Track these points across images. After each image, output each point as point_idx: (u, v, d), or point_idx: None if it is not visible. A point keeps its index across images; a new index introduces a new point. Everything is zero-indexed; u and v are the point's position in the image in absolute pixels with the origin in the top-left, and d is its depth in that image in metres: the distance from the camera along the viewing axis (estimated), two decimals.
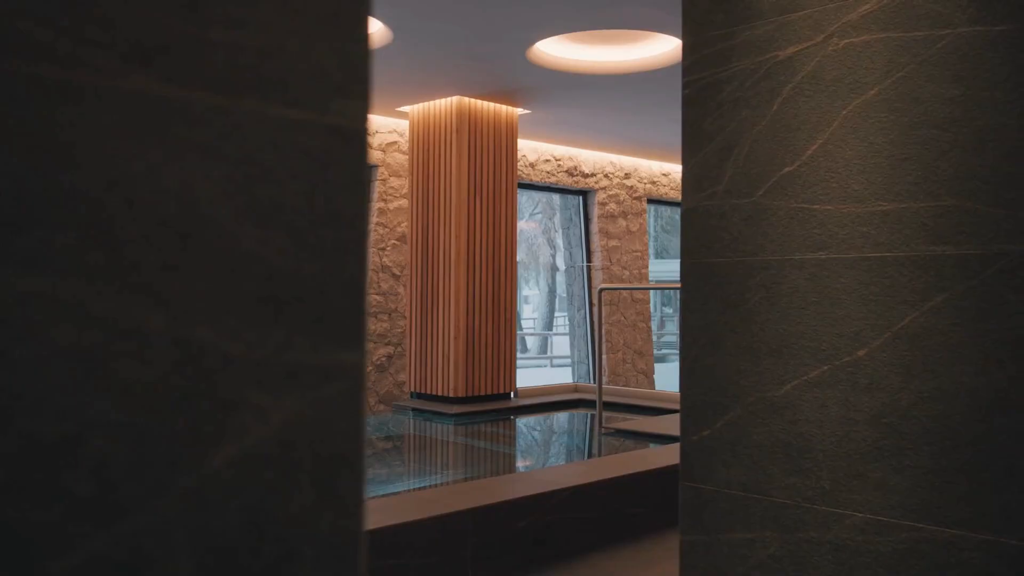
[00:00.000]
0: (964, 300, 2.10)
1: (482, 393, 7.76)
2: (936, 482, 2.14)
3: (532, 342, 26.76)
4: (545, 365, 24.18)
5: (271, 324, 0.55)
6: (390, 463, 6.12)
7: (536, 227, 25.26)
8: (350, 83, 0.58)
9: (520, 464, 6.10)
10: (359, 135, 0.59)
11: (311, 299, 0.57)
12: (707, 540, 2.60)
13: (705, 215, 2.60)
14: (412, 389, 8.04)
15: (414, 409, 7.75)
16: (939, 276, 2.14)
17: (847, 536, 2.30)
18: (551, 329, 25.36)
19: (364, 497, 0.60)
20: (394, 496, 4.51)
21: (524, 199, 24.10)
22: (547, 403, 8.22)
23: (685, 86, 2.67)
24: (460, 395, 7.59)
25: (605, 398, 7.64)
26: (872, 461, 2.26)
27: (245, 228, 0.54)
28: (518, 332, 26.86)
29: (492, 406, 7.67)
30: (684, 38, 2.69)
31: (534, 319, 28.08)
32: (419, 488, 5.12)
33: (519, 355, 25.84)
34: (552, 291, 24.43)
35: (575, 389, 8.86)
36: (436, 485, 5.23)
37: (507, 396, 8.02)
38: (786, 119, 2.42)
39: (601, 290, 6.69)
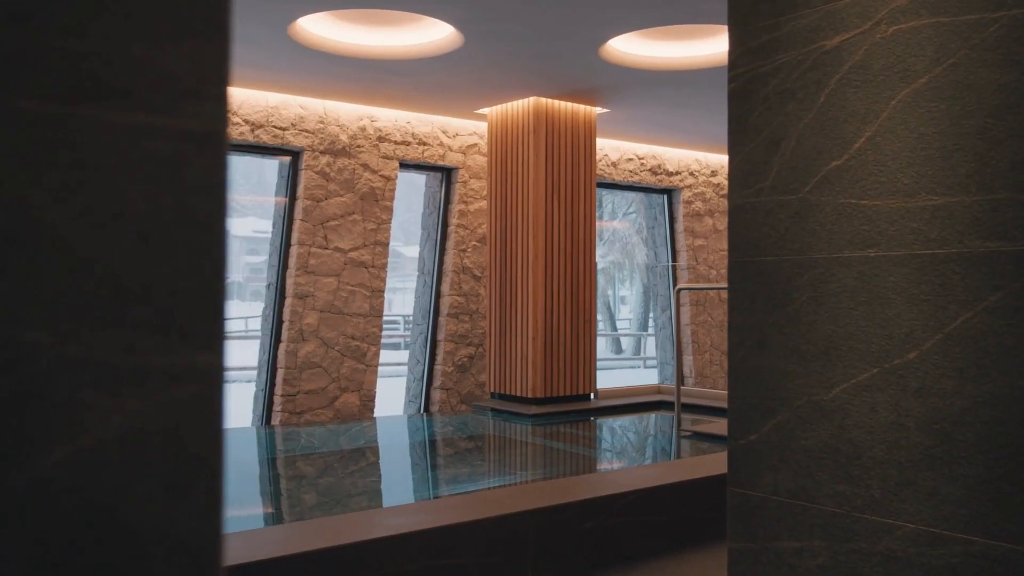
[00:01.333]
0: (1020, 299, 1.97)
1: (561, 394, 7.74)
2: (991, 492, 2.01)
3: (627, 343, 26.51)
4: (639, 366, 23.92)
5: (113, 326, 0.56)
6: (466, 463, 6.18)
7: (630, 226, 25.01)
8: (203, 86, 0.59)
9: (592, 466, 6.05)
10: (215, 137, 0.59)
11: (159, 301, 0.57)
12: (754, 548, 2.52)
13: (751, 212, 2.52)
14: (492, 389, 8.09)
15: (493, 409, 7.79)
16: (993, 274, 2.01)
17: (898, 548, 2.19)
18: (646, 329, 25.05)
19: (222, 497, 0.61)
20: (456, 496, 4.55)
21: (619, 198, 23.93)
22: (628, 405, 8.13)
23: (731, 80, 2.59)
24: (538, 396, 7.59)
25: (690, 400, 7.50)
26: (924, 469, 2.14)
27: (81, 232, 0.55)
28: (612, 333, 26.62)
29: (570, 407, 7.64)
30: (730, 31, 2.62)
31: (629, 320, 27.81)
32: (485, 488, 5.14)
33: (613, 356, 25.57)
34: (647, 291, 24.15)
35: (658, 391, 8.73)
36: (508, 485, 5.25)
37: (587, 397, 7.98)
38: (833, 111, 2.32)
39: (679, 290, 6.58)
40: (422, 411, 8.56)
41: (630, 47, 6.47)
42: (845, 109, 2.30)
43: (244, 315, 19.27)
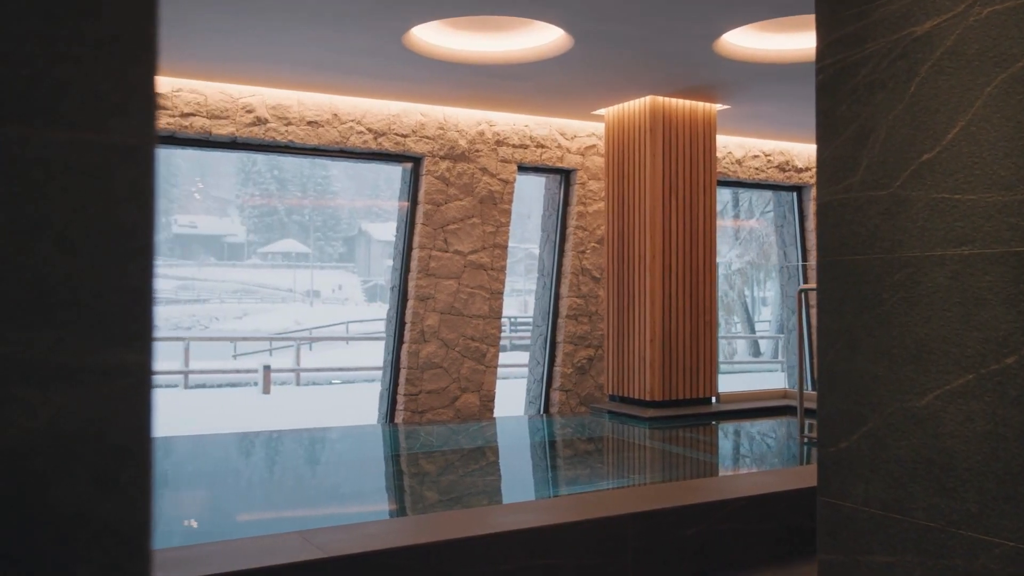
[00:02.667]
0: None
1: (680, 397, 7.60)
2: None
3: (766, 345, 25.68)
4: (777, 369, 23.16)
5: (40, 326, 0.61)
6: (577, 464, 6.18)
7: (768, 225, 24.20)
8: (130, 103, 0.64)
9: (705, 471, 5.91)
10: (142, 150, 0.64)
11: (86, 304, 0.62)
12: (845, 561, 2.41)
13: (840, 209, 2.41)
14: (610, 392, 8.05)
15: (609, 412, 7.75)
16: None
17: (996, 567, 2.04)
18: (784, 332, 24.21)
19: (150, 487, 0.65)
20: (556, 497, 4.55)
21: (756, 196, 23.21)
22: (751, 409, 7.89)
23: (819, 72, 2.49)
24: (656, 399, 7.48)
25: (814, 406, 7.21)
26: None
27: (12, 240, 0.61)
28: (745, 336, 25.83)
29: (690, 411, 7.49)
30: (817, 21, 2.52)
31: (769, 322, 26.93)
32: (591, 491, 5.12)
33: (751, 359, 24.78)
34: (783, 292, 23.29)
35: (784, 395, 8.43)
36: (612, 488, 5.21)
37: (707, 401, 7.80)
38: (924, 101, 2.19)
39: (802, 291, 6.34)
40: (541, 412, 8.61)
41: (747, 41, 6.29)
42: (937, 98, 2.16)
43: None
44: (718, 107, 7.90)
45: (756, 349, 26.18)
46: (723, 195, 22.30)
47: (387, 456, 6.96)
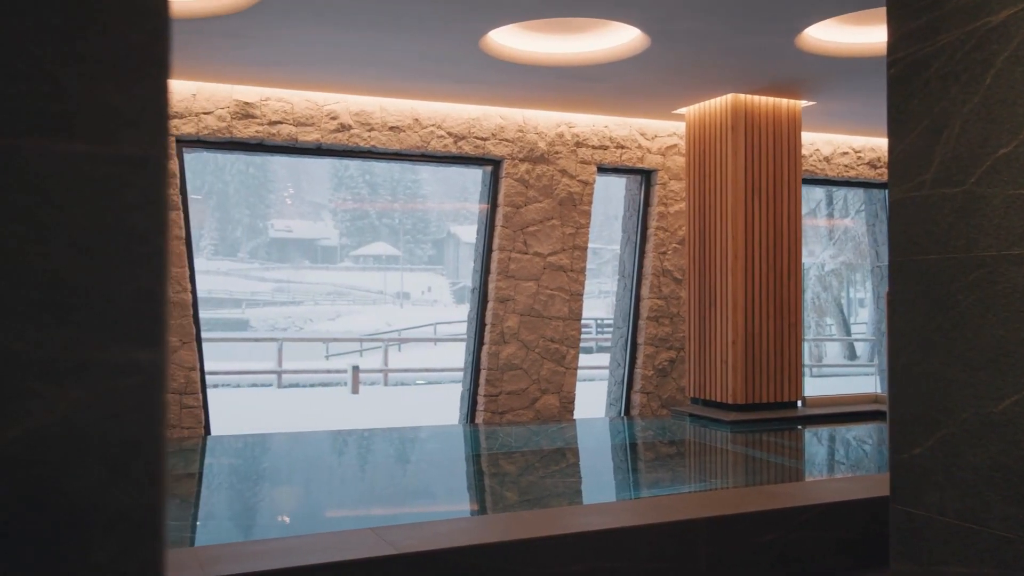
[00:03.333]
0: None
1: (764, 401, 7.43)
2: None
3: (862, 348, 24.86)
4: (871, 373, 22.41)
5: (56, 326, 0.66)
6: (655, 468, 6.12)
7: (862, 224, 23.41)
8: (141, 116, 0.68)
9: (786, 476, 5.77)
10: (152, 160, 0.69)
11: (100, 306, 0.67)
12: (919, 572, 2.33)
13: (912, 207, 2.33)
14: (692, 394, 7.93)
15: (691, 415, 7.64)
16: None
17: None
18: (877, 334, 23.42)
19: (162, 478, 0.69)
20: (628, 500, 4.52)
21: (851, 195, 22.47)
22: (839, 414, 7.65)
23: (890, 66, 2.41)
24: (739, 402, 7.34)
25: None
26: None
27: (29, 246, 0.66)
28: (847, 338, 25.03)
29: (773, 415, 7.32)
30: (889, 13, 2.44)
31: (865, 324, 26.06)
32: (665, 494, 5.06)
33: (847, 362, 24.02)
34: (876, 293, 22.52)
35: (875, 399, 8.15)
36: (687, 492, 5.14)
37: (792, 405, 7.60)
38: (1000, 93, 2.10)
39: (887, 291, 6.11)
40: (622, 414, 8.55)
41: (831, 35, 6.11)
42: (1014, 90, 2.07)
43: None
44: (803, 103, 7.69)
45: (852, 352, 25.35)
46: (816, 193, 21.67)
47: (467, 456, 7.04)
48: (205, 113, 6.95)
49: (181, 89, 6.85)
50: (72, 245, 0.66)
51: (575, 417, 8.24)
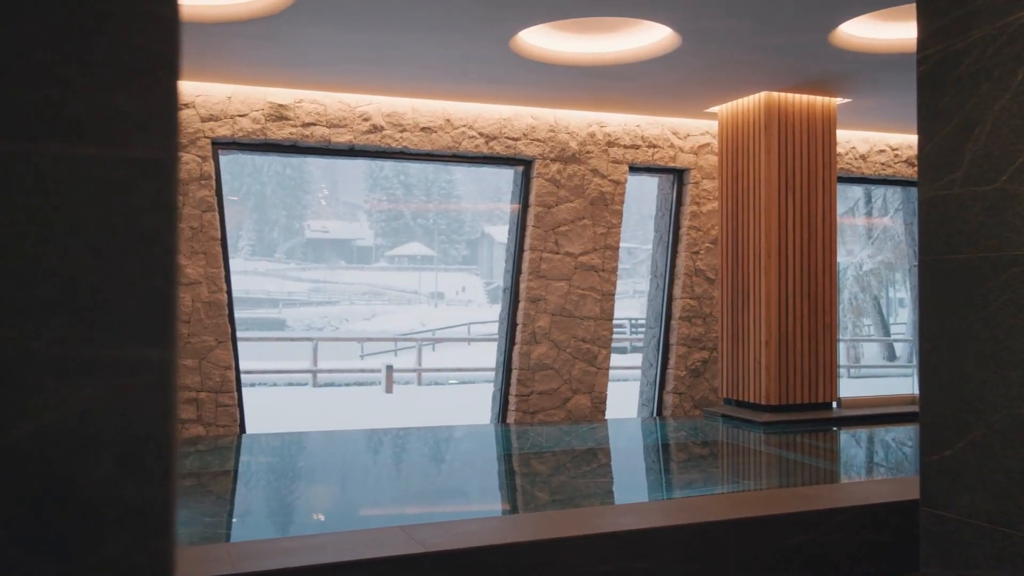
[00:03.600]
0: None
1: (797, 401, 7.35)
2: None
3: (901, 349, 24.48)
4: (910, 374, 22.08)
5: (70, 325, 0.68)
6: (687, 469, 6.08)
7: (901, 224, 23.05)
8: (152, 120, 0.70)
9: (818, 478, 5.70)
10: (163, 163, 0.71)
11: (112, 305, 0.69)
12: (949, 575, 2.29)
13: (942, 206, 2.30)
14: (724, 395, 7.88)
15: (723, 415, 7.58)
16: None
17: None
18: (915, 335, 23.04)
19: (172, 472, 0.71)
20: (658, 501, 4.50)
21: (891, 193, 22.14)
22: (875, 415, 7.55)
23: (920, 63, 2.38)
24: (772, 403, 7.27)
25: None
26: None
27: (43, 248, 0.68)
28: (886, 338, 24.66)
29: (807, 416, 7.24)
30: (919, 9, 2.40)
31: (905, 324, 25.65)
32: (697, 496, 5.03)
33: (886, 363, 23.68)
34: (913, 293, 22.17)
35: (912, 401, 8.02)
36: (716, 494, 5.10)
37: (827, 406, 7.51)
38: None
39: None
40: (654, 415, 8.52)
41: (866, 31, 6.03)
42: None
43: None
44: (838, 101, 7.60)
45: (891, 353, 24.96)
46: (854, 192, 21.36)
47: (499, 456, 7.06)
48: (240, 116, 7.05)
49: (216, 92, 6.95)
50: (84, 247, 0.68)
51: (607, 417, 8.22)
